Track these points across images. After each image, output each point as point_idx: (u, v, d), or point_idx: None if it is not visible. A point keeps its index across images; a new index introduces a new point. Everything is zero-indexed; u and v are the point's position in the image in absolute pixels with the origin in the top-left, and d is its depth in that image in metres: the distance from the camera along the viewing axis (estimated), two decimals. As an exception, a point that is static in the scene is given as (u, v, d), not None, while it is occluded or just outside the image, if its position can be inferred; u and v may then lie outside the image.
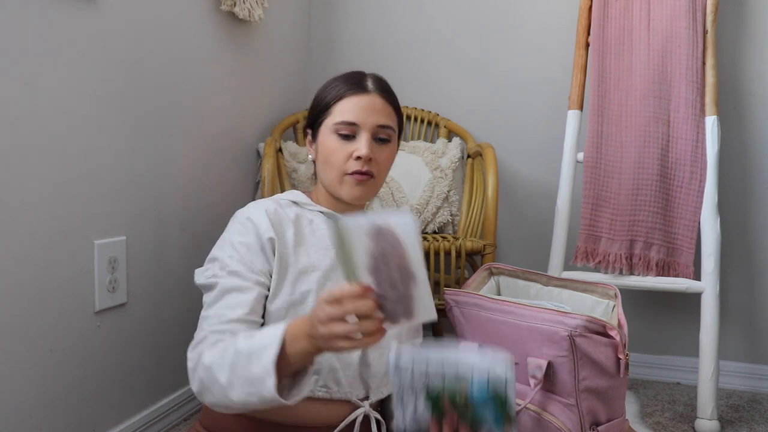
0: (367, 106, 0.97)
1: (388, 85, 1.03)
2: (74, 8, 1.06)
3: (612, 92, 1.59)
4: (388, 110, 1.00)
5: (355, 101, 0.97)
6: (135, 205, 1.24)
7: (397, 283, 0.70)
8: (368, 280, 0.70)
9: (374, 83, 1.00)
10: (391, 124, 0.99)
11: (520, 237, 1.94)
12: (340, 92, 0.98)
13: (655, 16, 1.57)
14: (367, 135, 0.96)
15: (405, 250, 0.69)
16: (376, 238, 0.69)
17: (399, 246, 0.69)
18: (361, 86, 0.99)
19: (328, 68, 2.07)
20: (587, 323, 0.98)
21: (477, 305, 1.10)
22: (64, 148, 1.06)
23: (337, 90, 0.99)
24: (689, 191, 1.53)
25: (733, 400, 1.68)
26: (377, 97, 0.98)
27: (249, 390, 0.76)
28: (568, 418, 1.00)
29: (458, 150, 1.82)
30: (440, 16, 1.97)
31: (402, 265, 0.70)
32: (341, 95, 0.98)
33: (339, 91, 0.99)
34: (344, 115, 0.96)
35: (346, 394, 0.94)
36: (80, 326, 1.11)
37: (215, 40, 1.50)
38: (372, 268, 0.70)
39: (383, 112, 0.98)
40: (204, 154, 1.48)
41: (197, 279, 0.95)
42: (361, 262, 0.70)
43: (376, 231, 0.69)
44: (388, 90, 1.02)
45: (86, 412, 1.14)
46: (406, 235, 0.70)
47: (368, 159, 0.95)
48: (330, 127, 0.98)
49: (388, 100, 1.00)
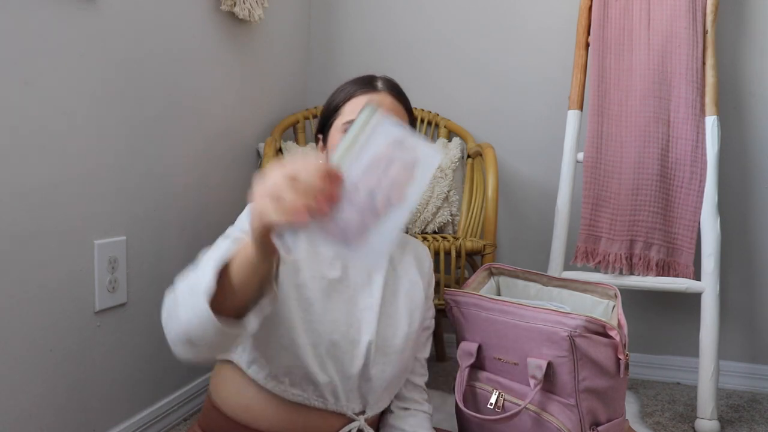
0: (376, 103, 0.95)
1: (399, 86, 1.03)
2: (74, 8, 1.06)
3: (612, 92, 1.59)
4: (399, 109, 0.99)
5: (365, 99, 0.97)
6: (135, 205, 1.24)
7: (375, 197, 0.61)
8: (351, 174, 0.60)
9: (385, 83, 1.00)
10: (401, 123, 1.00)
11: (520, 237, 1.94)
12: (349, 93, 0.98)
13: (655, 16, 1.57)
14: None
15: (411, 177, 0.62)
16: (394, 147, 0.62)
17: (409, 168, 0.62)
18: (371, 86, 0.99)
19: (328, 68, 2.07)
20: (587, 323, 0.99)
21: (477, 305, 1.10)
22: (64, 148, 1.06)
23: (346, 91, 0.99)
24: (689, 191, 1.53)
25: (733, 400, 1.68)
26: (387, 96, 0.98)
27: (190, 302, 0.69)
28: (568, 418, 1.00)
29: (458, 150, 1.82)
30: (440, 16, 1.97)
31: (396, 186, 0.61)
32: (351, 95, 0.98)
33: (348, 91, 0.99)
34: (354, 113, 0.96)
35: (342, 408, 0.92)
36: (80, 326, 1.11)
37: (215, 40, 1.50)
38: (366, 167, 0.61)
39: (393, 111, 0.97)
40: (204, 154, 1.48)
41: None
42: (360, 154, 0.61)
43: (399, 141, 0.62)
44: (399, 91, 1.02)
45: (86, 412, 1.14)
46: (425, 166, 0.62)
47: None
48: (339, 127, 0.97)
49: (398, 99, 1.00)
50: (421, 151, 0.63)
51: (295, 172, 0.57)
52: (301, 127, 1.88)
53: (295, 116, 1.87)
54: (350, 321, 0.93)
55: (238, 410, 0.92)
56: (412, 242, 1.11)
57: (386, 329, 0.96)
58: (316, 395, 0.90)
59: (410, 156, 0.62)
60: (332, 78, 2.05)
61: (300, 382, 0.89)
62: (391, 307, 0.99)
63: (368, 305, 0.96)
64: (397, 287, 1.02)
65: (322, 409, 0.91)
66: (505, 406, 1.05)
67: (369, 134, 0.61)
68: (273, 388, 0.89)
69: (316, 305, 0.90)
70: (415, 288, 1.03)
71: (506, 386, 1.07)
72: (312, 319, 0.89)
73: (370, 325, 0.94)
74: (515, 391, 1.06)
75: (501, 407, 1.05)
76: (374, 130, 0.61)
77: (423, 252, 1.11)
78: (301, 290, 0.90)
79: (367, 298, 0.96)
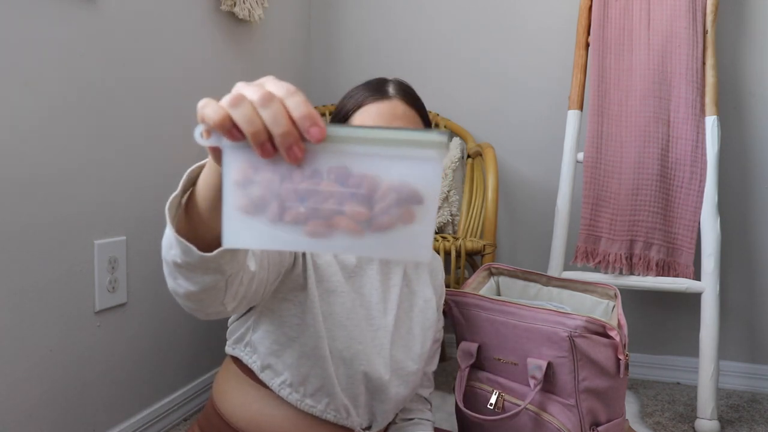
0: (387, 112, 0.90)
1: (412, 89, 0.97)
2: (74, 8, 1.06)
3: (612, 92, 1.59)
4: (411, 115, 0.93)
5: (375, 108, 0.91)
6: (135, 205, 1.24)
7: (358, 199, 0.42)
8: (346, 161, 0.42)
9: (396, 88, 0.94)
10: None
11: (520, 237, 1.94)
12: (359, 100, 0.92)
13: (655, 16, 1.57)
14: None
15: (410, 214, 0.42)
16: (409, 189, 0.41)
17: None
18: (381, 92, 0.92)
19: (328, 68, 2.07)
20: (587, 324, 0.99)
21: (477, 306, 1.10)
22: (64, 147, 1.06)
23: (356, 98, 0.93)
24: (689, 191, 1.53)
25: (733, 400, 1.68)
26: (399, 103, 0.92)
27: (166, 241, 0.58)
28: (568, 418, 1.00)
29: (458, 150, 1.82)
30: (440, 16, 1.97)
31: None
32: (361, 103, 0.92)
33: (358, 99, 0.93)
34: (364, 123, 0.90)
35: (353, 423, 0.90)
36: (80, 326, 1.11)
37: (215, 40, 1.50)
38: (366, 173, 0.42)
39: (406, 118, 0.91)
40: (204, 153, 1.48)
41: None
42: (377, 158, 0.42)
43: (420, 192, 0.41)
44: (412, 94, 0.96)
45: (86, 412, 1.14)
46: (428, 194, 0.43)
47: None
48: None
49: (411, 104, 0.93)
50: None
51: (279, 93, 0.42)
52: (301, 127, 1.88)
53: (295, 116, 1.86)
54: (364, 340, 0.90)
55: (242, 420, 0.89)
56: None
57: (399, 351, 0.94)
58: (330, 408, 0.88)
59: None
60: (332, 78, 2.05)
61: (316, 392, 0.87)
62: (403, 327, 0.96)
63: (382, 325, 0.93)
64: (412, 305, 0.99)
65: (332, 422, 0.89)
66: (505, 406, 1.05)
67: (408, 157, 0.41)
68: (287, 396, 0.87)
69: (337, 317, 0.87)
70: (429, 305, 1.01)
71: (506, 386, 1.07)
72: (335, 332, 0.87)
73: (383, 349, 0.92)
74: (515, 391, 1.06)
75: (501, 407, 1.05)
76: (418, 160, 0.41)
77: (438, 265, 1.09)
78: (329, 297, 0.87)
79: (380, 318, 0.94)
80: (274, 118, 0.41)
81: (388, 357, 0.92)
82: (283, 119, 0.41)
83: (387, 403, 0.92)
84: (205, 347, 1.51)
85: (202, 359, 1.50)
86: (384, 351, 0.92)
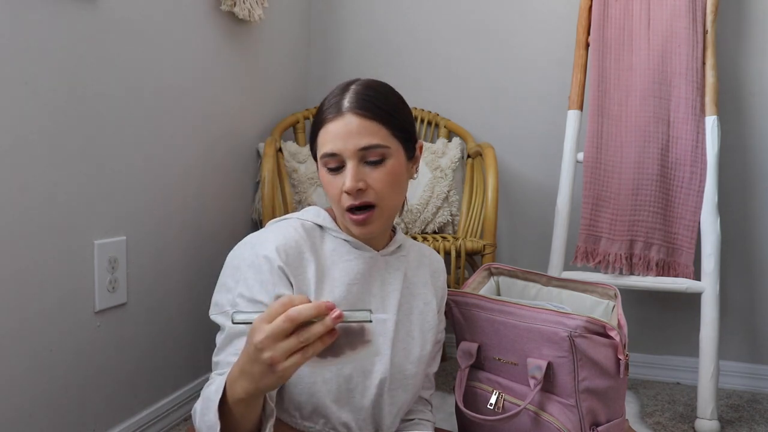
0: (342, 131, 0.84)
1: (375, 94, 0.87)
2: (74, 8, 1.06)
3: (612, 92, 1.59)
4: (370, 127, 0.85)
5: (332, 128, 0.86)
6: (135, 205, 1.24)
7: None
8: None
9: (351, 99, 0.86)
10: (378, 142, 0.85)
11: (520, 237, 1.94)
12: (320, 118, 0.89)
13: (655, 16, 1.57)
14: (352, 163, 0.85)
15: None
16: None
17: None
18: (337, 107, 0.86)
19: (328, 68, 2.07)
20: (587, 324, 0.98)
21: (477, 306, 1.10)
22: (64, 147, 1.06)
23: (320, 115, 0.89)
24: (689, 191, 1.53)
25: (733, 400, 1.68)
26: (353, 117, 0.84)
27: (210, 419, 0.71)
28: (568, 418, 1.00)
29: (458, 150, 1.82)
30: (441, 16, 1.97)
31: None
32: (321, 122, 0.88)
33: (320, 116, 0.89)
34: (325, 146, 0.86)
35: None
36: (80, 326, 1.11)
37: (215, 40, 1.50)
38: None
39: (363, 132, 0.84)
40: (204, 153, 1.48)
41: (211, 312, 0.91)
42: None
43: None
44: (369, 103, 0.86)
45: (86, 412, 1.14)
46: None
47: (356, 190, 0.84)
48: (320, 161, 0.89)
49: (367, 116, 0.85)
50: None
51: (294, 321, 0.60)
52: (301, 127, 1.88)
53: (295, 116, 1.87)
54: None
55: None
56: (427, 254, 1.06)
57: (399, 355, 0.94)
58: (328, 427, 0.87)
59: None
60: (332, 78, 2.05)
61: (311, 415, 0.87)
62: (402, 331, 0.96)
63: (381, 331, 0.92)
64: (411, 308, 0.98)
65: None
66: (504, 406, 1.05)
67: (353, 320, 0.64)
68: (283, 418, 0.87)
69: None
70: (428, 308, 1.00)
71: (506, 386, 1.07)
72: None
73: (383, 355, 0.91)
74: (515, 391, 1.06)
75: (501, 407, 1.05)
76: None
77: (439, 266, 1.07)
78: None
79: (379, 325, 0.93)
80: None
81: (387, 362, 0.91)
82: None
83: (389, 410, 0.92)
84: (205, 347, 1.51)
85: (202, 359, 1.50)
86: (384, 357, 0.91)
